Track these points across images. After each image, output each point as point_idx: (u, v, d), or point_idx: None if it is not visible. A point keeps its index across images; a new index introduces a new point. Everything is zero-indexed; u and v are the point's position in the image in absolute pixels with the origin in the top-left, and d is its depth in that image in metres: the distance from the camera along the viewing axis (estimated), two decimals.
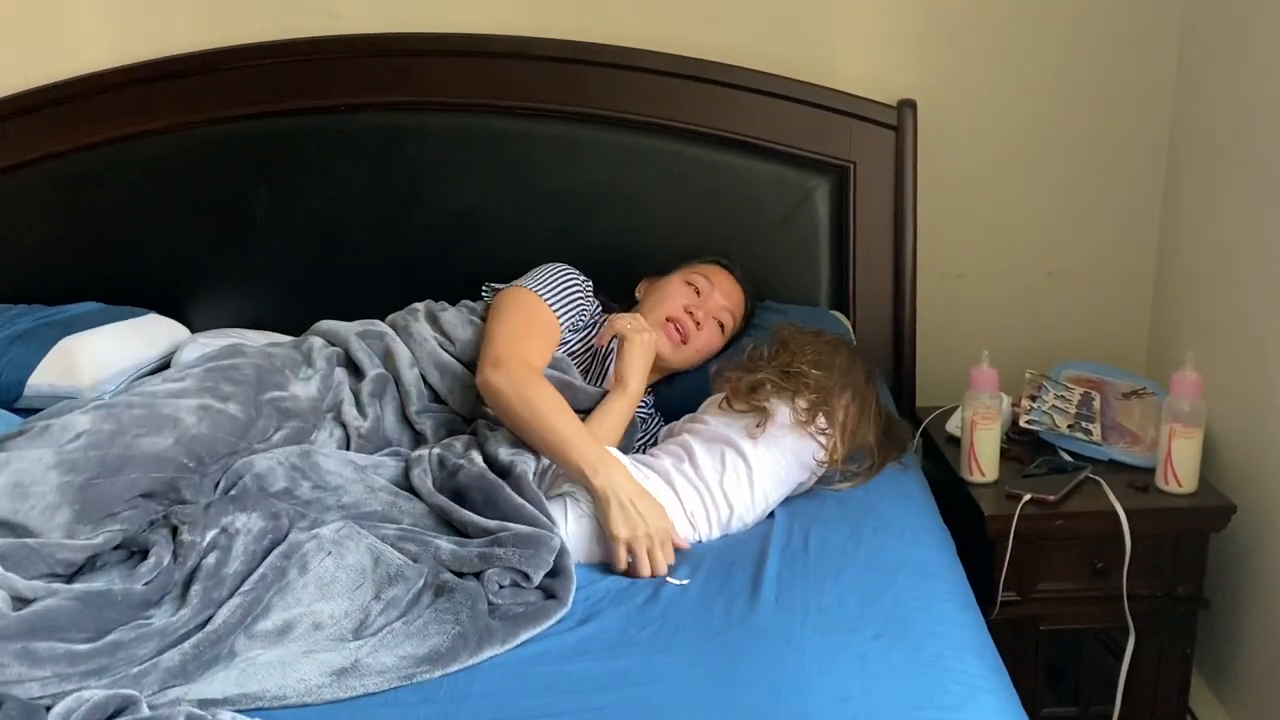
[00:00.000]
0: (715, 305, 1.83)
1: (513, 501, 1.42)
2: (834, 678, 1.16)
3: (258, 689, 1.17)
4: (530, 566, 1.33)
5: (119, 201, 2.23)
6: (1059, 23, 2.16)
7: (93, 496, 1.35)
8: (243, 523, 1.34)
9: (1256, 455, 1.88)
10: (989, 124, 2.22)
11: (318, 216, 2.21)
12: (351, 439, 1.65)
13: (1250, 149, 1.89)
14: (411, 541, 1.38)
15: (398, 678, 1.20)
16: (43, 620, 1.18)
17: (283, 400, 1.63)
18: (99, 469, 1.37)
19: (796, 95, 2.11)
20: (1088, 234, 2.28)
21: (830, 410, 1.62)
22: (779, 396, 1.61)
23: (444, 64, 2.14)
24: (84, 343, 1.95)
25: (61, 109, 2.19)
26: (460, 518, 1.41)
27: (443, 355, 1.75)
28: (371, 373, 1.72)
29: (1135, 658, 1.82)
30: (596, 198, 2.17)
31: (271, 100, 2.17)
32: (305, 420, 1.64)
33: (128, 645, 1.18)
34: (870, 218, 2.15)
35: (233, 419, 1.54)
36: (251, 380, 1.61)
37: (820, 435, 1.60)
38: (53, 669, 1.14)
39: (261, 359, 1.68)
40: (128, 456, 1.40)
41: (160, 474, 1.42)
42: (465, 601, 1.28)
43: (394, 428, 1.70)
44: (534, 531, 1.36)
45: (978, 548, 1.77)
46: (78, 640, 1.17)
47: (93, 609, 1.20)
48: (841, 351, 1.72)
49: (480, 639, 1.24)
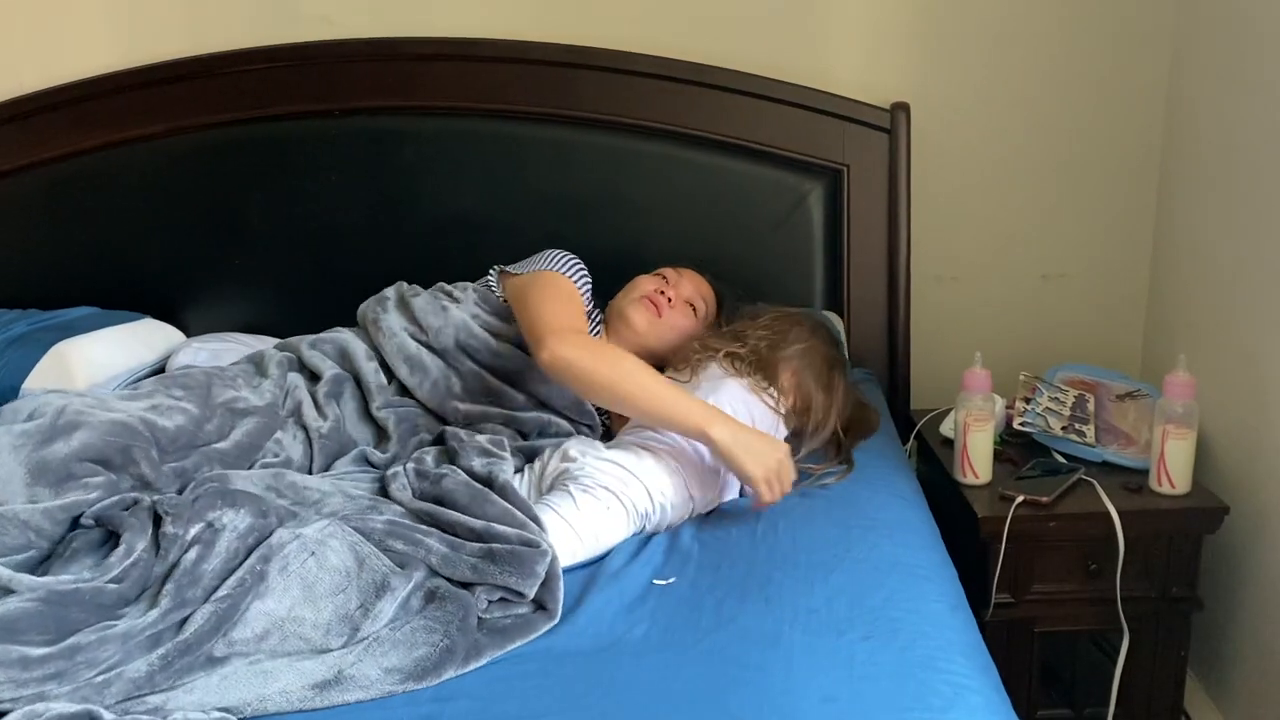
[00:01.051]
0: (685, 291, 1.84)
1: (499, 505, 1.40)
2: (821, 679, 1.15)
3: (237, 700, 1.14)
4: (525, 585, 1.30)
5: (115, 206, 2.24)
6: (1052, 26, 2.16)
7: (45, 457, 1.38)
8: (230, 519, 1.31)
9: (1250, 457, 1.88)
10: (982, 127, 2.22)
11: (312, 220, 2.22)
12: (313, 440, 1.65)
13: (1243, 153, 1.89)
14: (400, 539, 1.35)
15: (380, 692, 1.17)
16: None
17: (236, 401, 1.65)
18: (50, 433, 1.41)
19: (790, 98, 2.11)
20: (1081, 237, 2.28)
21: (773, 375, 1.66)
22: (723, 362, 1.66)
23: (438, 68, 2.15)
24: (79, 347, 1.95)
25: (57, 113, 2.20)
26: (448, 518, 1.39)
27: (412, 348, 1.75)
28: (328, 374, 1.73)
29: (1129, 659, 1.82)
30: (590, 201, 2.18)
31: (267, 105, 2.18)
32: (264, 417, 1.64)
33: (86, 649, 1.14)
34: (864, 221, 2.16)
35: (185, 411, 1.57)
36: (203, 384, 1.65)
37: (766, 395, 1.64)
38: (5, 674, 1.10)
39: (214, 370, 1.73)
40: (78, 422, 1.44)
41: (114, 438, 1.44)
42: (456, 613, 1.26)
43: (356, 426, 1.70)
44: (527, 550, 1.32)
45: (971, 549, 1.77)
46: (36, 643, 1.13)
47: (56, 609, 1.17)
48: (802, 326, 1.75)
49: (468, 654, 1.22)
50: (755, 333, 1.73)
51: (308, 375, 1.76)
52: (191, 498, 1.36)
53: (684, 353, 1.74)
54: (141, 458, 1.45)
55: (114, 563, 1.26)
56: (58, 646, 1.14)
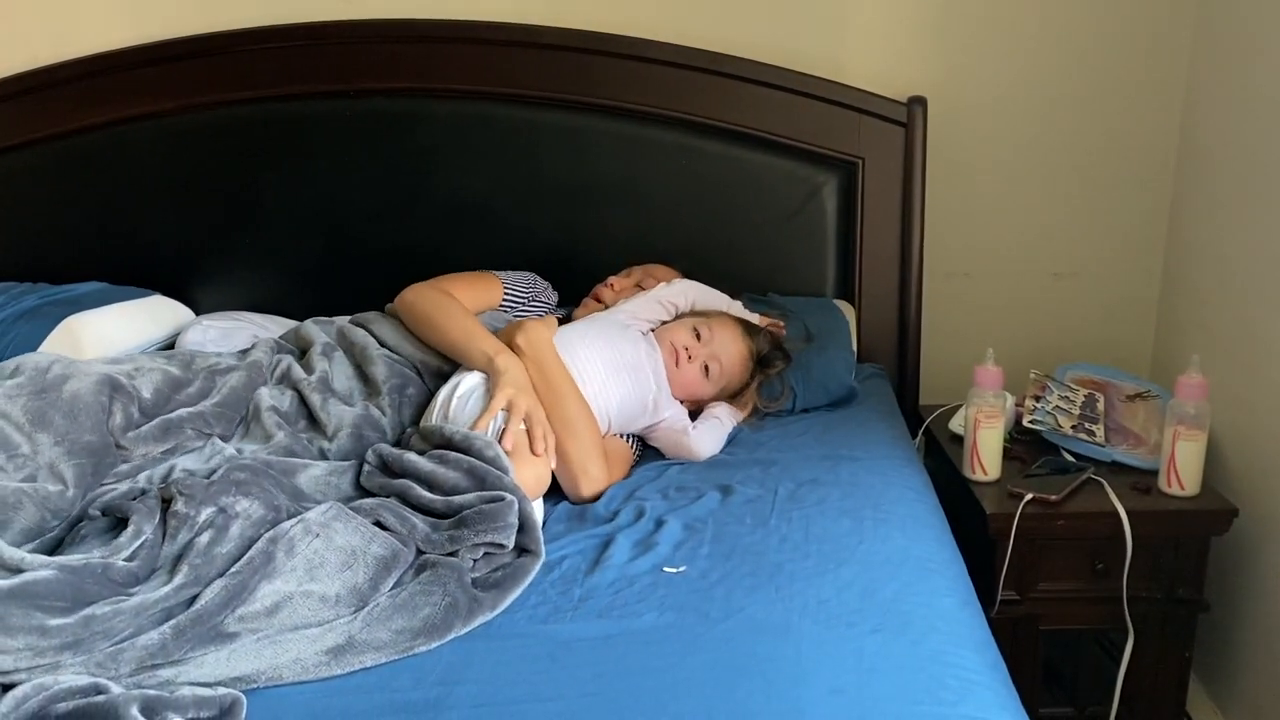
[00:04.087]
0: (706, 352, 1.83)
1: (458, 468, 1.43)
2: (830, 671, 1.15)
3: (251, 670, 1.15)
4: (503, 536, 1.35)
5: (126, 182, 2.23)
6: (1071, 24, 2.15)
7: (42, 406, 1.44)
8: (243, 507, 1.33)
9: (1259, 459, 1.87)
10: (998, 123, 2.21)
11: (325, 201, 2.21)
12: (303, 392, 1.67)
13: (1259, 154, 1.88)
14: (390, 512, 1.38)
15: (395, 652, 1.19)
16: (20, 588, 1.15)
17: (218, 364, 1.70)
18: (42, 385, 1.49)
19: (807, 90, 2.10)
20: (1095, 236, 2.27)
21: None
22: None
23: (454, 51, 2.14)
24: (88, 321, 1.95)
25: (70, 88, 2.19)
26: (416, 497, 1.42)
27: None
28: (320, 341, 1.78)
29: (1134, 660, 1.82)
30: (604, 188, 2.17)
31: (282, 84, 2.18)
32: (248, 372, 1.68)
33: (101, 619, 1.15)
34: (878, 214, 2.15)
35: (166, 370, 1.63)
36: (187, 354, 1.74)
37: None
38: (25, 640, 1.11)
39: (198, 350, 1.82)
40: (67, 374, 1.51)
41: (102, 390, 1.50)
42: (451, 574, 1.29)
43: (344, 383, 1.72)
44: (493, 506, 1.36)
45: (979, 546, 1.76)
46: (53, 613, 1.14)
47: (72, 578, 1.18)
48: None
49: (470, 608, 1.25)
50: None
51: (298, 354, 1.80)
52: (206, 482, 1.36)
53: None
54: (119, 410, 1.50)
55: (124, 543, 1.26)
56: (74, 617, 1.14)
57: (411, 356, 1.75)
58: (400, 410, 1.68)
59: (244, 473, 1.39)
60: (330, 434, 1.61)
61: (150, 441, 1.52)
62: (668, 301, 1.91)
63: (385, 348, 1.77)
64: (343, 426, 1.61)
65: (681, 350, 1.80)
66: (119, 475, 1.46)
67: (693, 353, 1.80)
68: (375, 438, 1.62)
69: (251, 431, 1.61)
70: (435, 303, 1.76)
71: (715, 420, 1.80)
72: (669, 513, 1.52)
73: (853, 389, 1.95)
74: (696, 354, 1.80)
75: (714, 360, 1.81)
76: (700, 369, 1.80)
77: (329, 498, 1.46)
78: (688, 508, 1.54)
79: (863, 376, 2.05)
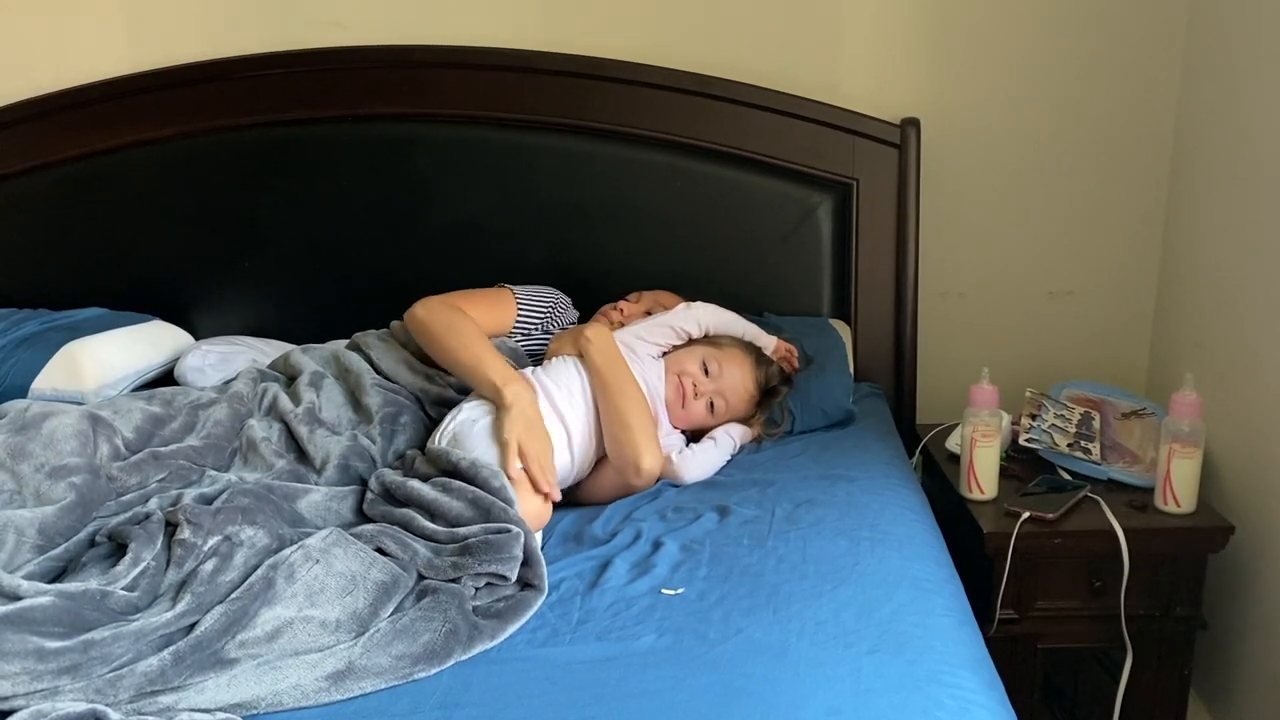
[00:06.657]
0: (713, 388, 1.82)
1: (462, 498, 1.43)
2: (828, 691, 1.15)
3: (251, 695, 1.15)
4: (506, 569, 1.34)
5: (127, 208, 2.25)
6: (1063, 44, 2.17)
7: (22, 441, 1.46)
8: (248, 535, 1.33)
9: (1255, 476, 1.88)
10: (992, 143, 2.23)
11: (324, 225, 2.23)
12: (290, 424, 1.66)
13: (1252, 172, 1.89)
14: (391, 538, 1.38)
15: (395, 677, 1.20)
16: (17, 613, 1.15)
17: (200, 399, 1.70)
18: (22, 424, 1.52)
19: (800, 112, 2.12)
20: (1089, 255, 2.28)
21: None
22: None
23: (450, 76, 2.16)
24: (89, 347, 1.96)
25: (71, 114, 2.21)
26: (420, 526, 1.42)
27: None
28: (309, 370, 1.77)
29: (1132, 678, 1.82)
30: (599, 211, 2.19)
31: (279, 110, 2.19)
32: (232, 404, 1.68)
33: (100, 644, 1.14)
34: (872, 235, 2.16)
35: (146, 409, 1.64)
36: (166, 393, 1.74)
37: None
38: (21, 664, 1.11)
39: (180, 388, 1.82)
40: (47, 413, 1.55)
41: (83, 423, 1.52)
42: (452, 601, 1.29)
43: (333, 411, 1.72)
44: (499, 537, 1.36)
45: (976, 565, 1.77)
46: (51, 638, 1.14)
47: (71, 605, 1.18)
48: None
49: (471, 635, 1.26)
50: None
51: (285, 381, 1.80)
52: (214, 509, 1.37)
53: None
54: (104, 442, 1.52)
55: (121, 571, 1.27)
56: (73, 640, 1.14)
57: (410, 385, 1.75)
58: (393, 438, 1.68)
59: (248, 498, 1.40)
60: (318, 466, 1.61)
61: (142, 470, 1.52)
62: (680, 328, 1.87)
63: (380, 375, 1.77)
64: (330, 459, 1.61)
65: (689, 387, 1.79)
66: (124, 504, 1.46)
67: (700, 390, 1.79)
68: (363, 468, 1.62)
69: (250, 461, 1.62)
70: (446, 323, 1.72)
71: (711, 443, 1.79)
72: (666, 534, 1.53)
73: (850, 412, 1.95)
74: (703, 391, 1.80)
75: (719, 397, 1.80)
76: (705, 406, 1.80)
77: (329, 523, 1.47)
78: (685, 529, 1.55)
79: (859, 396, 2.06)
